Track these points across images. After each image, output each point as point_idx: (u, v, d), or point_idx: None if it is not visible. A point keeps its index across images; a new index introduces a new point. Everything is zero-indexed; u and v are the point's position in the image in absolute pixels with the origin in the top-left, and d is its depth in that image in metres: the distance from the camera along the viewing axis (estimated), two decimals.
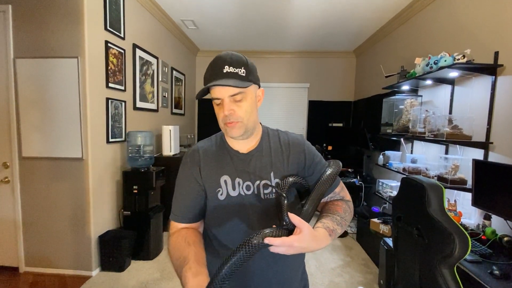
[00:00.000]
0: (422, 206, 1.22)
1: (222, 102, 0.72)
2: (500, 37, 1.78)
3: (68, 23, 2.11)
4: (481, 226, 1.73)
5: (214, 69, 0.71)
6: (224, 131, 0.78)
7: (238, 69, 0.70)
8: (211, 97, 0.74)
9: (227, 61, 0.70)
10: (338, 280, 2.35)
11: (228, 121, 0.73)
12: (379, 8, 3.01)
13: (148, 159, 2.67)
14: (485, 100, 1.85)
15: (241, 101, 0.73)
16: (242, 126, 0.74)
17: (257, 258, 0.72)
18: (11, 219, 2.29)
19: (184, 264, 0.64)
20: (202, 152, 0.82)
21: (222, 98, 0.72)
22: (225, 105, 0.72)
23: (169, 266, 2.49)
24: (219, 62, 0.70)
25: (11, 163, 2.25)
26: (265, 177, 0.78)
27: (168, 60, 3.71)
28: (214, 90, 0.72)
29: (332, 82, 4.85)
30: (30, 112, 2.20)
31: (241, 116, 0.73)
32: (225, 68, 0.69)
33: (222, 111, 0.73)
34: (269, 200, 0.77)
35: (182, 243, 0.72)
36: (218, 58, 0.71)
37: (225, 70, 0.69)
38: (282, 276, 0.78)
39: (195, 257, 0.66)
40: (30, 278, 2.25)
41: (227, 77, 0.69)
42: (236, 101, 0.72)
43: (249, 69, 0.72)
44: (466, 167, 1.92)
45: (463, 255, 1.09)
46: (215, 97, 0.73)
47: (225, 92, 0.70)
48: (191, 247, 0.70)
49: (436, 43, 2.46)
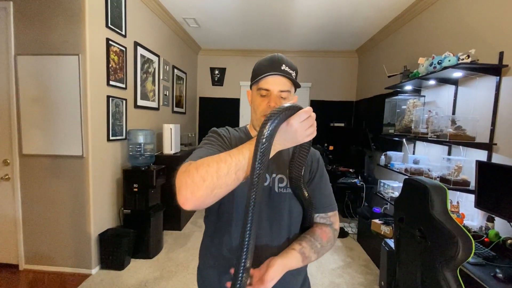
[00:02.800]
0: (425, 208, 1.21)
1: (270, 94, 0.76)
2: (505, 37, 1.75)
3: (69, 20, 2.10)
4: (484, 228, 1.71)
5: (273, 63, 0.76)
6: (260, 122, 0.77)
7: (292, 71, 0.77)
8: (259, 87, 0.77)
9: (284, 61, 0.76)
10: (339, 281, 2.34)
11: None
12: (382, 8, 2.99)
13: (148, 157, 2.67)
14: (489, 101, 1.83)
15: (285, 99, 0.77)
16: None
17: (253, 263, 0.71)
18: (11, 216, 2.29)
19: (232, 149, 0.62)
20: (230, 131, 0.86)
21: (271, 91, 0.75)
22: (273, 98, 0.75)
23: (169, 265, 2.48)
24: (277, 60, 0.76)
25: (12, 160, 2.24)
26: (281, 171, 0.80)
27: (170, 59, 3.70)
28: (267, 81, 0.75)
29: (334, 81, 4.83)
30: (30, 109, 2.19)
31: None
32: (283, 66, 0.75)
33: (266, 102, 0.76)
34: (282, 194, 0.78)
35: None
36: (276, 56, 0.77)
37: (283, 67, 0.75)
38: (280, 283, 0.75)
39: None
40: (30, 276, 2.25)
41: (284, 74, 0.75)
42: (281, 98, 0.77)
43: (297, 75, 0.80)
44: (469, 168, 1.90)
45: (467, 257, 1.07)
46: (265, 87, 0.76)
47: (278, 86, 0.75)
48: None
49: (440, 43, 2.44)
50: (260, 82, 0.77)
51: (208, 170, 0.57)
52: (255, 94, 0.79)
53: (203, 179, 0.56)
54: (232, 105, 5.00)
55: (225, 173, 0.57)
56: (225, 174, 0.57)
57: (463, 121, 1.93)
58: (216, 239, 0.80)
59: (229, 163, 0.58)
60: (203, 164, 0.58)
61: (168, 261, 2.57)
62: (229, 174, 0.57)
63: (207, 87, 5.04)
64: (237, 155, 0.59)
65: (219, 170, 0.57)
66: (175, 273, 2.36)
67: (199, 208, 0.61)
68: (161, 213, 2.76)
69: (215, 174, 0.56)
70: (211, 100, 5.03)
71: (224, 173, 0.57)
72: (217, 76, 4.98)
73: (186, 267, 2.47)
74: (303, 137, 0.61)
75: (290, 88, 0.77)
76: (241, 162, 0.58)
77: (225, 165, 0.57)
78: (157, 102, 3.34)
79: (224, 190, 0.58)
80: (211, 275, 0.80)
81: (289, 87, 0.77)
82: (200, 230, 3.34)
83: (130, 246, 2.43)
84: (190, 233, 3.24)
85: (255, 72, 0.80)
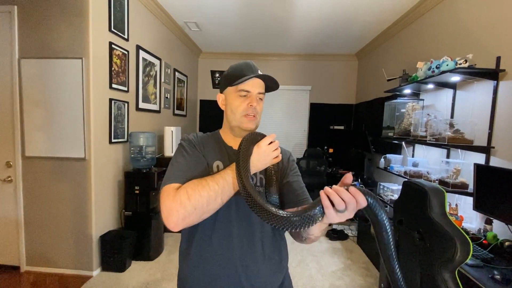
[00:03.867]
0: (423, 210, 1.23)
1: (250, 95, 0.82)
2: (503, 42, 1.78)
3: (72, 24, 2.13)
4: (482, 231, 1.73)
5: (250, 67, 0.83)
6: (239, 123, 0.83)
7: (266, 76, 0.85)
8: (240, 89, 0.82)
9: (257, 67, 0.86)
10: (339, 283, 2.35)
11: (250, 114, 0.82)
12: (382, 12, 3.02)
13: (150, 159, 2.68)
14: (487, 105, 1.85)
15: (261, 100, 0.85)
16: (256, 121, 0.84)
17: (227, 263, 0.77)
18: (13, 218, 2.31)
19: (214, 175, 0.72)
20: (200, 137, 0.89)
21: (251, 92, 0.82)
22: (254, 98, 0.82)
23: (170, 267, 2.49)
24: (254, 65, 0.85)
25: (14, 163, 2.26)
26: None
27: (171, 62, 3.73)
28: (248, 83, 0.81)
29: (334, 85, 4.86)
30: (33, 112, 2.21)
31: (259, 112, 0.84)
32: (259, 71, 0.84)
33: (246, 103, 0.82)
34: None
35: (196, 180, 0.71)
36: (251, 62, 0.86)
37: (260, 72, 0.83)
38: (259, 281, 0.78)
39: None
40: (31, 278, 2.26)
41: (266, 77, 0.83)
42: (259, 99, 0.84)
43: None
44: (468, 171, 1.92)
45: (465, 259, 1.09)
46: (246, 89, 0.81)
47: (257, 88, 0.83)
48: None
49: (438, 47, 2.47)
50: (241, 84, 0.82)
51: (199, 200, 0.66)
52: (234, 96, 0.83)
53: (194, 208, 0.65)
54: None
55: (213, 200, 0.67)
56: (213, 201, 0.67)
57: (461, 124, 1.96)
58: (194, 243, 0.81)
59: (216, 190, 0.67)
60: (194, 194, 0.66)
61: (168, 263, 2.57)
62: (216, 200, 0.68)
63: (207, 90, 5.07)
64: (222, 183, 0.68)
65: (209, 198, 0.66)
66: (176, 275, 2.36)
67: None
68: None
69: (206, 202, 0.66)
70: (212, 102, 5.05)
71: (212, 201, 0.67)
72: (217, 79, 5.01)
73: None
74: (270, 158, 0.73)
75: (264, 91, 0.86)
76: (225, 188, 0.69)
77: (214, 194, 0.67)
78: (158, 105, 3.36)
79: (211, 214, 0.70)
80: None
81: (264, 90, 0.86)
82: None
83: (131, 248, 2.44)
84: None
85: (232, 75, 0.83)
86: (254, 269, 0.77)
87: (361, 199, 0.54)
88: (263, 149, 0.72)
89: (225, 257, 0.76)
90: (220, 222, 0.78)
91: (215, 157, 0.83)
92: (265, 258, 0.80)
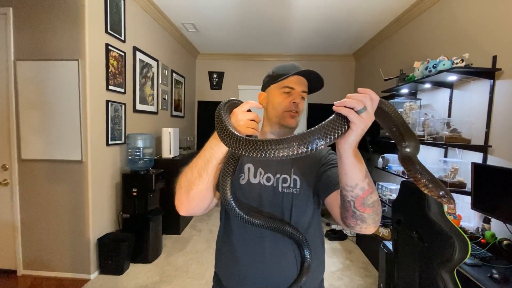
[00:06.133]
0: (422, 210, 1.23)
1: (294, 92, 0.82)
2: (499, 41, 1.79)
3: (68, 25, 2.12)
4: (480, 230, 1.73)
5: (295, 68, 0.83)
6: (281, 118, 0.84)
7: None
8: (284, 85, 0.82)
9: (302, 69, 0.84)
10: (338, 284, 2.34)
11: (292, 110, 0.82)
12: (379, 12, 3.03)
13: (147, 161, 2.67)
14: (484, 104, 1.86)
15: (303, 100, 0.85)
16: (297, 119, 0.85)
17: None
18: (9, 221, 2.28)
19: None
20: None
21: (295, 89, 0.82)
22: (297, 95, 0.82)
23: (169, 269, 2.48)
24: (299, 66, 0.85)
25: (10, 165, 2.24)
26: (285, 172, 0.82)
27: (168, 63, 3.72)
28: (293, 79, 0.82)
29: (332, 85, 4.87)
30: (30, 114, 2.20)
31: (301, 110, 0.84)
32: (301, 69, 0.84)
33: (289, 99, 0.82)
34: (286, 194, 0.80)
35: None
36: (296, 64, 0.86)
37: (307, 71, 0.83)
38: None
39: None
40: (28, 282, 2.23)
41: (312, 74, 0.83)
42: (301, 98, 0.84)
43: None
44: (465, 170, 1.92)
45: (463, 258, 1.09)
46: (290, 86, 0.82)
47: (301, 86, 0.83)
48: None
49: (434, 47, 2.48)
50: (285, 80, 0.82)
51: (181, 178, 0.70)
52: (277, 93, 0.84)
53: (180, 186, 0.70)
54: None
55: (195, 176, 0.68)
56: (196, 177, 0.68)
57: (458, 124, 1.96)
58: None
59: (195, 164, 0.68)
60: (181, 174, 0.71)
61: (167, 265, 2.56)
62: (200, 175, 0.67)
63: (205, 91, 5.07)
64: (203, 152, 0.68)
65: (187, 175, 0.69)
66: (174, 277, 2.36)
67: (194, 213, 0.73)
68: (160, 217, 2.75)
69: (185, 179, 0.69)
70: (210, 104, 5.04)
71: (194, 177, 0.68)
72: (215, 80, 5.01)
73: (185, 271, 2.46)
74: (244, 128, 0.64)
75: (307, 90, 0.85)
76: (206, 156, 0.67)
77: (195, 168, 0.68)
78: (156, 106, 3.35)
79: (198, 189, 0.68)
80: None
81: (307, 89, 0.85)
82: (199, 234, 3.34)
83: (129, 251, 2.42)
84: (189, 237, 3.23)
85: (277, 73, 0.85)
86: (286, 271, 0.78)
87: (370, 92, 0.51)
88: (237, 116, 0.64)
89: (258, 257, 0.78)
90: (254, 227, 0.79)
91: (246, 159, 0.85)
92: (297, 260, 0.79)
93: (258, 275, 0.77)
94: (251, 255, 0.78)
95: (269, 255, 0.77)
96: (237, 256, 0.79)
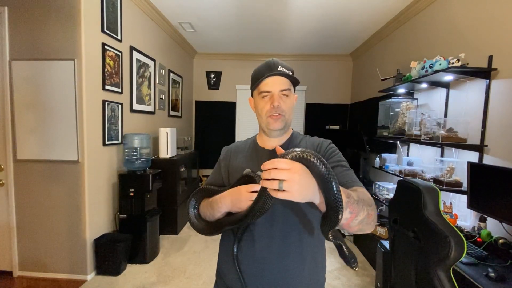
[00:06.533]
0: (418, 209, 1.23)
1: (272, 95, 0.81)
2: (494, 41, 1.80)
3: (64, 25, 2.11)
4: (476, 228, 1.74)
5: (269, 67, 0.81)
6: (266, 124, 0.84)
7: (289, 71, 0.82)
8: (260, 90, 0.81)
9: (280, 63, 0.81)
10: (336, 283, 2.35)
11: (274, 114, 0.81)
12: (376, 12, 3.04)
13: (144, 161, 2.66)
14: (480, 104, 1.87)
15: (287, 97, 0.82)
16: (284, 120, 0.83)
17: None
18: (5, 222, 2.26)
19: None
20: (233, 148, 0.95)
21: (272, 92, 0.80)
22: (275, 98, 0.80)
23: (166, 270, 2.47)
24: (273, 63, 0.81)
25: (6, 166, 2.22)
26: None
27: (166, 63, 3.71)
28: (267, 83, 0.80)
29: (329, 85, 4.88)
30: (25, 114, 2.18)
31: (285, 110, 0.82)
32: (279, 67, 0.80)
33: (269, 103, 0.81)
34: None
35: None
36: (271, 60, 0.82)
37: (280, 69, 0.80)
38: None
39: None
40: (24, 283, 2.22)
41: (282, 74, 0.79)
42: (283, 96, 0.81)
43: (294, 74, 0.85)
44: (462, 169, 1.93)
45: (459, 257, 1.09)
46: (266, 90, 0.81)
47: (278, 86, 0.80)
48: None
49: (431, 47, 2.49)
50: (260, 85, 0.81)
51: (204, 209, 0.86)
52: (258, 99, 0.84)
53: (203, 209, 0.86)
54: (228, 109, 5.01)
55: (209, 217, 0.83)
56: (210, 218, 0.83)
57: (454, 123, 1.97)
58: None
59: (212, 210, 0.80)
60: (202, 207, 0.87)
61: (164, 265, 2.55)
62: (213, 216, 0.81)
63: (203, 90, 5.06)
64: (215, 207, 0.80)
65: (207, 208, 0.83)
66: (172, 277, 2.35)
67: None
68: (157, 217, 2.74)
69: (206, 209, 0.83)
70: (207, 103, 5.04)
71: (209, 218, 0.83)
72: (213, 79, 5.00)
73: (183, 271, 2.46)
74: (244, 203, 0.71)
75: (289, 87, 0.82)
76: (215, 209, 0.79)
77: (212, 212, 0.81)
78: (153, 106, 3.34)
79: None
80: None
81: (289, 86, 0.82)
82: (196, 234, 3.33)
83: (126, 251, 2.41)
84: (186, 237, 3.23)
85: (253, 78, 0.84)
86: (293, 272, 0.80)
87: (275, 161, 0.54)
88: (243, 195, 0.71)
89: (265, 257, 0.78)
90: (261, 224, 0.80)
91: (246, 165, 0.87)
92: (303, 261, 0.82)
93: (273, 273, 0.79)
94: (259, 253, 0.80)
95: (276, 254, 0.79)
96: (255, 252, 0.80)
